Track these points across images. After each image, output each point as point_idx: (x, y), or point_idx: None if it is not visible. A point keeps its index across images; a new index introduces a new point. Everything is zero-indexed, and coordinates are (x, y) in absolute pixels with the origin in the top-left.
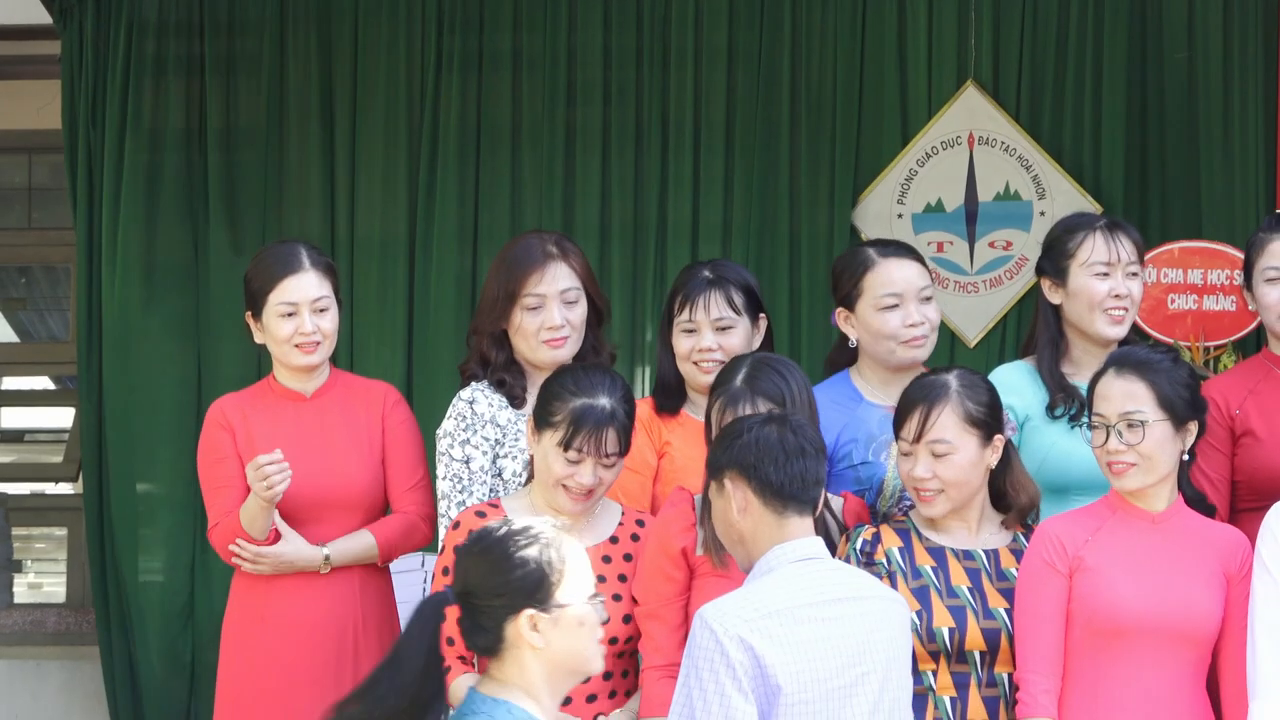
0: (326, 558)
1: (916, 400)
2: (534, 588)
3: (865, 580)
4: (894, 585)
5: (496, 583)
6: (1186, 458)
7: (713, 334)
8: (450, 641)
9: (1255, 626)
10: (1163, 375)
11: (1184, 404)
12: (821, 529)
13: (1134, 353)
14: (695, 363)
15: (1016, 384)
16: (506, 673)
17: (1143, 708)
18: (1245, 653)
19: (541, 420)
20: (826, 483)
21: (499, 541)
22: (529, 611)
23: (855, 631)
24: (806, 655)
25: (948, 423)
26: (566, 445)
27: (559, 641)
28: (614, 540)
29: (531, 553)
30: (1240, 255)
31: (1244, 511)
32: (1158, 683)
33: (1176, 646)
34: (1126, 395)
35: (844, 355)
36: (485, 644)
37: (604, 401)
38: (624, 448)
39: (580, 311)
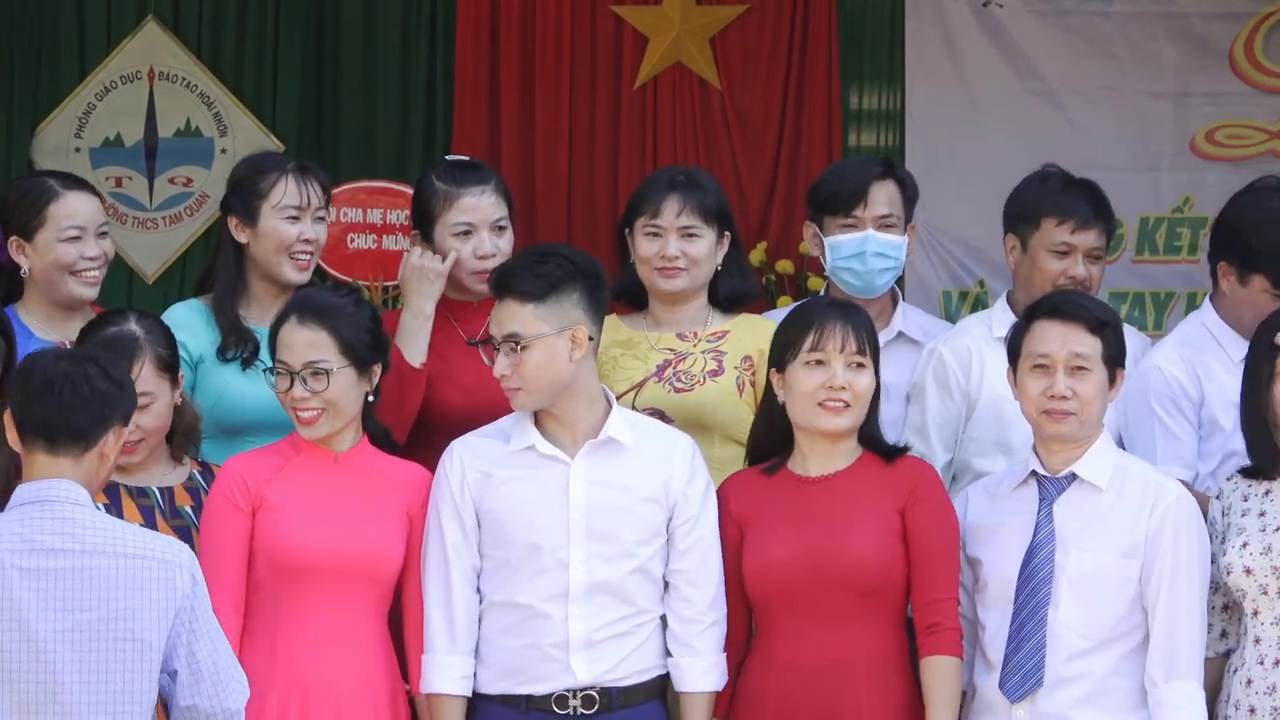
0: None
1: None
2: None
3: (106, 534)
4: None
5: None
6: (371, 398)
7: None
8: None
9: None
10: (345, 320)
11: (366, 347)
12: None
13: (315, 297)
14: None
15: (190, 323)
16: None
17: (318, 642)
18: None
19: None
20: None
21: None
22: None
23: (67, 587)
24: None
25: (149, 375)
26: None
27: None
28: None
29: None
30: None
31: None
32: (337, 620)
33: (356, 585)
34: (309, 344)
35: None
36: None
37: None
38: None
39: None
